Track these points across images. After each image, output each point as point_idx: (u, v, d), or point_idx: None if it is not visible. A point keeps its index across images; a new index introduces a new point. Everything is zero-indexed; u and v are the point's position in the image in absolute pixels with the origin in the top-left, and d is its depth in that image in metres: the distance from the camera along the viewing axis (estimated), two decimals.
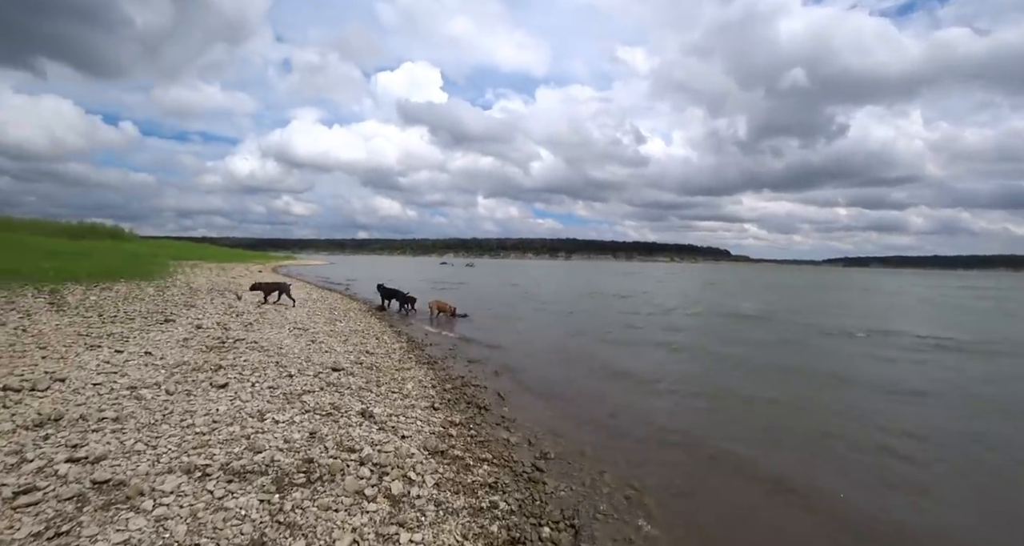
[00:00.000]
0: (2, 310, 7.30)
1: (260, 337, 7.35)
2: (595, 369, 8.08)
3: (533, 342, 10.52)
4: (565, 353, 9.44)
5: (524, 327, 12.70)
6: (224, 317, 8.80)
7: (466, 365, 7.81)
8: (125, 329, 6.89)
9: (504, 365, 8.01)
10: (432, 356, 8.17)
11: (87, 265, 12.87)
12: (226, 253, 51.80)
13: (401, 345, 8.68)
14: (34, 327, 6.51)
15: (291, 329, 8.43)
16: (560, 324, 13.55)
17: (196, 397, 4.46)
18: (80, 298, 8.92)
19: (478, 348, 9.44)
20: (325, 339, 7.95)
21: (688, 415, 5.92)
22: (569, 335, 11.59)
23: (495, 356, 8.71)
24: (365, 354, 7.31)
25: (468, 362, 8.06)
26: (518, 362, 8.34)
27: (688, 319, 15.63)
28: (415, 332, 10.79)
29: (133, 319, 7.66)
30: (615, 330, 12.50)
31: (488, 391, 6.35)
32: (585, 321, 14.26)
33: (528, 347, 9.90)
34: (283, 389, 4.98)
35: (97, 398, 4.22)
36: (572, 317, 15.21)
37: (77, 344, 5.90)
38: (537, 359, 8.71)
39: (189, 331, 7.24)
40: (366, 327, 10.09)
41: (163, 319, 7.84)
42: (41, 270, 10.66)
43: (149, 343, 6.27)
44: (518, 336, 11.19)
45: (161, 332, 7.00)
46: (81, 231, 34.75)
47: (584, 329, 12.59)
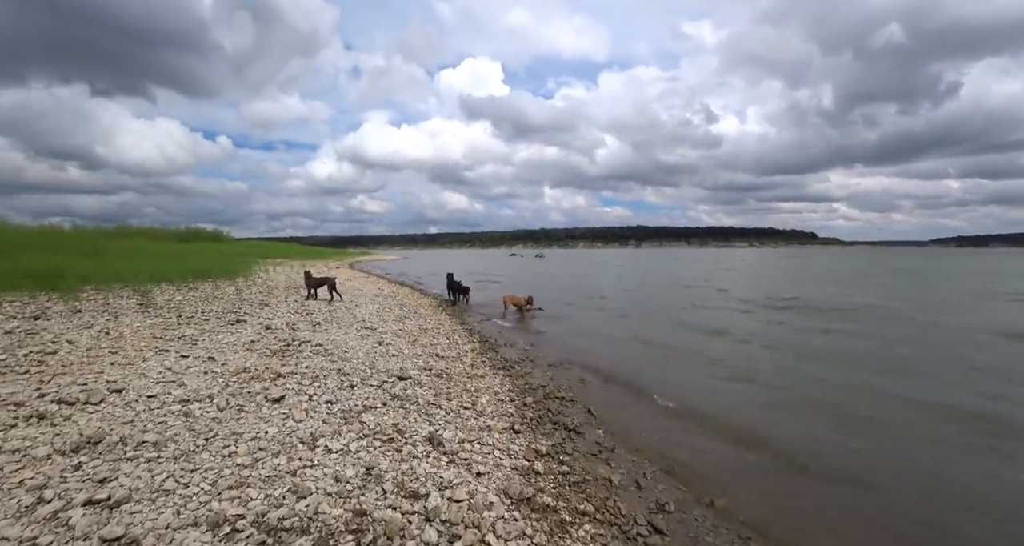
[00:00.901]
0: (95, 312, 7.49)
1: (326, 339, 6.92)
2: (700, 375, 6.81)
3: (617, 341, 9.36)
4: (655, 353, 8.21)
5: (604, 323, 11.54)
6: (294, 316, 8.58)
7: (546, 371, 6.89)
8: (197, 331, 6.74)
9: (590, 370, 6.99)
10: (507, 359, 7.33)
11: (180, 266, 13.57)
12: (309, 251, 55.26)
13: (473, 346, 7.94)
14: (116, 329, 6.50)
15: (358, 329, 7.98)
16: (643, 318, 12.21)
17: (247, 414, 3.92)
18: (167, 298, 9.14)
19: (557, 348, 8.48)
20: (393, 340, 7.39)
21: (856, 441, 4.54)
22: (655, 331, 10.27)
23: (578, 359, 7.71)
24: (435, 358, 6.62)
25: (548, 367, 7.13)
26: (605, 366, 7.28)
27: (789, 314, 13.54)
28: (488, 330, 10.05)
29: (208, 320, 7.57)
30: (707, 325, 10.96)
31: (576, 406, 5.37)
32: (670, 314, 12.77)
33: (613, 347, 8.78)
34: (342, 404, 4.34)
35: (146, 414, 3.79)
36: (653, 309, 13.76)
37: (148, 348, 5.73)
38: (626, 362, 7.58)
39: (257, 332, 6.97)
40: (436, 325, 9.51)
41: (235, 319, 7.69)
42: (139, 272, 11.23)
43: (216, 346, 6.00)
44: (599, 334, 10.08)
45: (230, 333, 6.77)
46: (187, 235, 38.46)
47: (671, 323, 11.19)
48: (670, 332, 10.23)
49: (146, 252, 19.28)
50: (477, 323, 10.78)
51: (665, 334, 10.05)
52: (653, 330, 10.52)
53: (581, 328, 10.76)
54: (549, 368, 7.05)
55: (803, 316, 12.57)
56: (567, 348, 8.56)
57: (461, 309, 13.64)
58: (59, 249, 15.11)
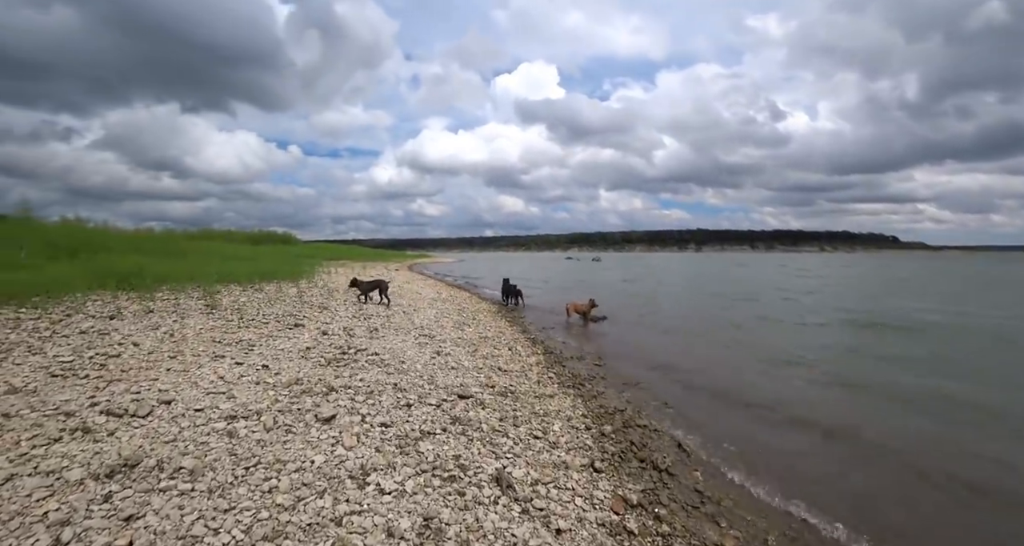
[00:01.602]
0: (165, 312, 7.59)
1: (383, 347, 6.53)
2: (800, 398, 5.75)
3: (694, 354, 8.36)
4: (741, 374, 7.16)
5: (676, 333, 10.51)
6: (352, 321, 8.34)
7: (621, 391, 6.09)
8: (256, 335, 6.58)
9: (671, 392, 6.12)
10: (576, 375, 6.61)
11: (248, 268, 14.00)
12: (370, 253, 57.15)
13: (538, 359, 7.28)
14: (180, 332, 6.47)
15: (416, 336, 7.58)
16: (713, 333, 11.00)
17: (294, 437, 3.49)
18: (232, 300, 9.23)
19: (629, 363, 7.64)
20: (452, 350, 6.90)
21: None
22: (733, 347, 9.13)
23: (654, 377, 6.84)
24: (497, 372, 6.03)
25: (623, 386, 6.33)
26: (687, 386, 6.38)
27: (880, 335, 11.73)
28: (552, 340, 9.36)
29: (267, 323, 7.45)
30: (793, 339, 9.63)
31: (663, 439, 4.56)
32: (742, 329, 11.45)
33: (690, 361, 7.80)
34: (397, 428, 3.83)
35: (189, 432, 3.46)
36: (723, 322, 12.44)
37: (206, 353, 5.57)
38: (710, 382, 6.61)
39: (314, 338, 6.72)
40: (496, 333, 8.95)
41: (293, 323, 7.52)
42: (210, 273, 11.59)
43: (271, 353, 5.75)
44: (673, 346, 9.10)
45: (287, 339, 6.55)
46: (260, 238, 40.94)
47: (749, 335, 9.95)
48: (744, 355, 9.03)
49: (221, 253, 20.36)
50: (539, 332, 10.12)
51: (738, 350, 8.90)
52: (725, 349, 9.37)
53: (650, 340, 9.81)
54: (624, 388, 6.25)
55: (900, 338, 10.81)
56: (640, 363, 7.69)
57: (518, 313, 13.32)
58: (149, 251, 16.17)
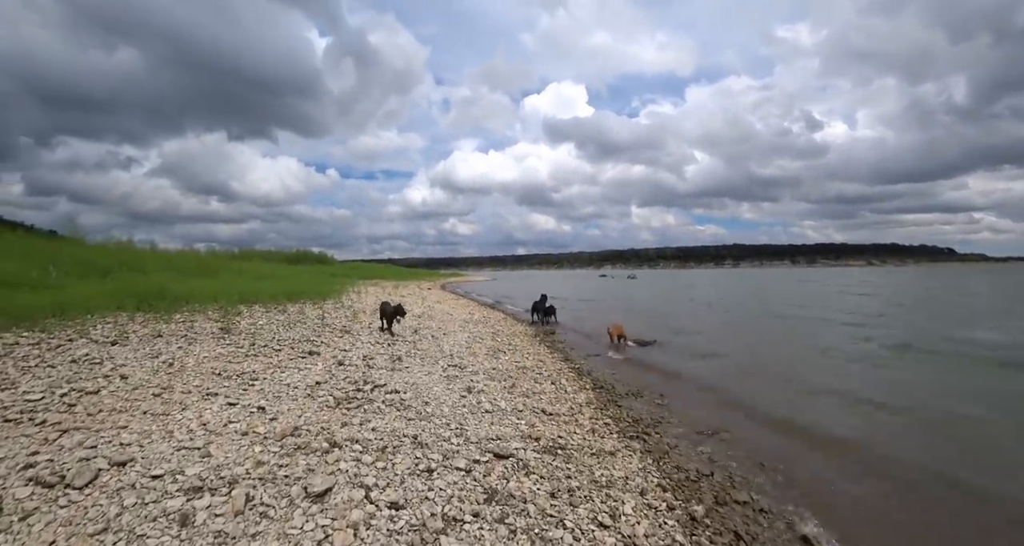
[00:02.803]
0: (175, 336, 6.90)
1: (405, 381, 5.55)
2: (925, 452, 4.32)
3: (769, 390, 6.96)
4: (839, 418, 5.73)
5: (738, 362, 9.06)
6: (374, 348, 7.43)
7: (697, 442, 4.83)
8: (262, 365, 5.73)
9: (760, 443, 4.82)
10: (637, 419, 5.38)
11: (275, 287, 13.49)
12: (403, 272, 57.31)
13: (587, 396, 6.10)
14: (182, 360, 5.70)
15: (444, 367, 6.56)
16: (787, 361, 9.46)
17: (269, 526, 2.49)
18: (250, 322, 8.53)
19: (696, 401, 6.35)
20: (486, 385, 5.83)
21: None
22: (815, 382, 7.62)
23: (730, 421, 5.54)
24: (541, 416, 4.90)
25: (697, 434, 5.07)
26: (775, 433, 5.06)
27: (973, 367, 9.80)
28: (599, 369, 8.14)
29: (280, 350, 6.63)
30: (877, 374, 8.02)
31: (776, 524, 3.30)
32: (814, 352, 9.83)
33: (768, 399, 6.43)
34: (412, 510, 2.78)
35: (131, 514, 2.52)
36: (795, 347, 10.82)
37: (199, 389, 4.73)
38: (805, 428, 5.26)
39: (327, 369, 5.81)
40: (536, 363, 7.82)
41: (308, 351, 6.67)
42: (233, 293, 11.05)
43: (274, 389, 4.86)
44: (741, 379, 7.71)
45: (297, 370, 5.67)
46: (297, 257, 41.64)
47: (825, 367, 8.40)
48: (833, 393, 7.51)
49: (255, 273, 20.20)
50: (584, 360, 8.90)
51: (828, 396, 7.40)
52: (804, 384, 7.88)
53: (712, 371, 8.42)
54: (700, 438, 4.98)
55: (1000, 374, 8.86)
56: (708, 401, 6.39)
57: (557, 336, 12.27)
58: (184, 270, 16.06)
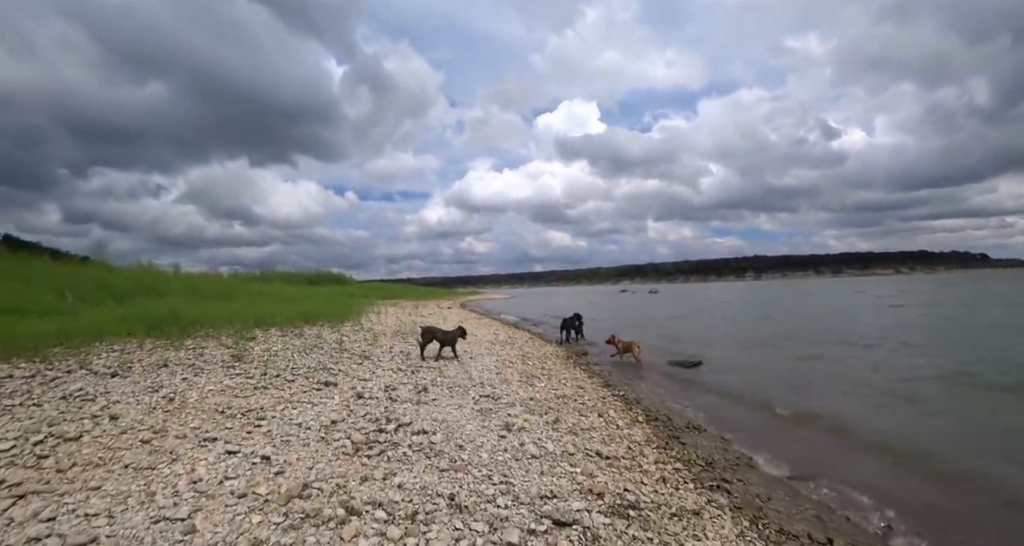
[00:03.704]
0: (181, 366, 6.31)
1: (434, 417, 4.79)
2: None
3: (849, 416, 5.98)
4: (957, 462, 4.74)
5: (796, 384, 8.05)
6: (396, 375, 6.71)
7: (792, 491, 3.93)
8: (272, 400, 5.05)
9: (859, 480, 3.89)
10: (710, 460, 4.49)
11: (293, 310, 12.99)
12: (422, 291, 56.97)
13: (644, 432, 5.22)
14: (184, 394, 5.08)
15: (476, 398, 5.79)
16: (853, 382, 8.39)
17: None
18: (264, 348, 7.91)
19: (768, 434, 5.42)
20: (526, 420, 5.03)
21: None
22: (903, 412, 6.60)
23: (814, 456, 4.61)
24: (598, 461, 4.08)
25: (788, 478, 4.17)
26: (890, 478, 4.12)
27: None
28: (646, 396, 7.25)
29: (293, 380, 5.96)
30: (969, 405, 6.94)
31: None
32: (878, 375, 8.73)
33: (858, 429, 5.46)
34: None
35: None
36: (853, 367, 9.70)
37: (196, 432, 4.06)
38: (925, 472, 4.31)
39: (344, 403, 5.10)
40: (576, 390, 6.98)
41: (324, 381, 5.98)
42: (248, 317, 10.53)
43: (282, 431, 4.16)
44: (807, 401, 6.73)
45: (311, 405, 4.97)
46: (316, 278, 41.65)
47: (899, 394, 7.34)
48: (926, 423, 6.50)
49: (275, 295, 19.87)
50: (625, 385, 7.99)
51: (927, 427, 6.37)
52: (887, 410, 6.86)
53: (769, 392, 7.46)
54: (793, 484, 4.08)
55: None
56: (783, 433, 5.47)
57: (590, 357, 11.53)
58: (203, 293, 15.75)
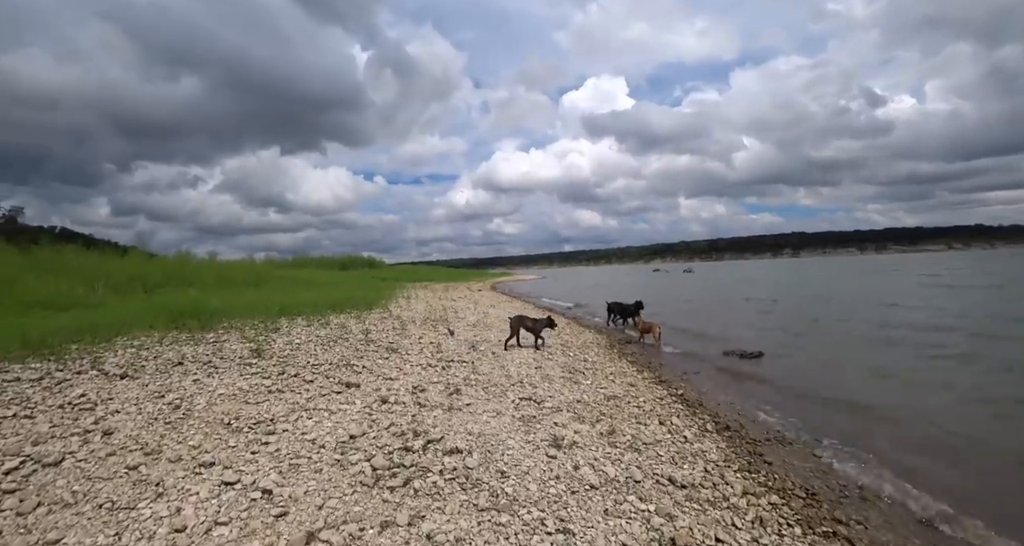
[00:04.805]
0: (196, 363, 5.83)
1: (468, 429, 4.08)
2: None
3: (948, 417, 4.94)
4: None
5: (880, 376, 6.97)
6: (425, 372, 6.05)
7: (928, 540, 3.03)
8: (286, 406, 4.45)
9: None
10: (812, 491, 3.60)
11: (322, 296, 12.60)
12: (452, 273, 56.96)
13: (718, 444, 4.36)
14: (194, 399, 4.55)
15: (516, 401, 5.05)
16: (936, 375, 7.21)
17: None
18: (287, 340, 7.41)
19: (867, 441, 4.47)
20: (576, 432, 4.25)
21: None
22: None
23: (967, 483, 3.67)
24: (674, 492, 3.27)
25: (915, 524, 3.25)
26: None
27: None
28: (708, 395, 6.35)
29: (313, 380, 5.38)
30: None
31: None
32: (957, 364, 7.47)
33: (963, 430, 4.45)
34: None
35: None
36: (934, 356, 8.42)
37: (195, 452, 3.49)
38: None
39: (366, 410, 4.46)
40: (626, 389, 6.14)
41: (345, 382, 5.36)
42: (273, 306, 10.13)
43: (292, 450, 3.54)
44: (906, 404, 5.69)
45: (328, 413, 4.35)
46: (348, 263, 41.95)
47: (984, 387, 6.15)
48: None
49: (306, 280, 19.71)
50: (682, 381, 7.09)
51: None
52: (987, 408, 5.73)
53: (853, 392, 6.43)
54: (920, 531, 3.17)
55: None
56: (895, 449, 4.49)
57: (626, 339, 11.11)
58: (235, 280, 15.62)
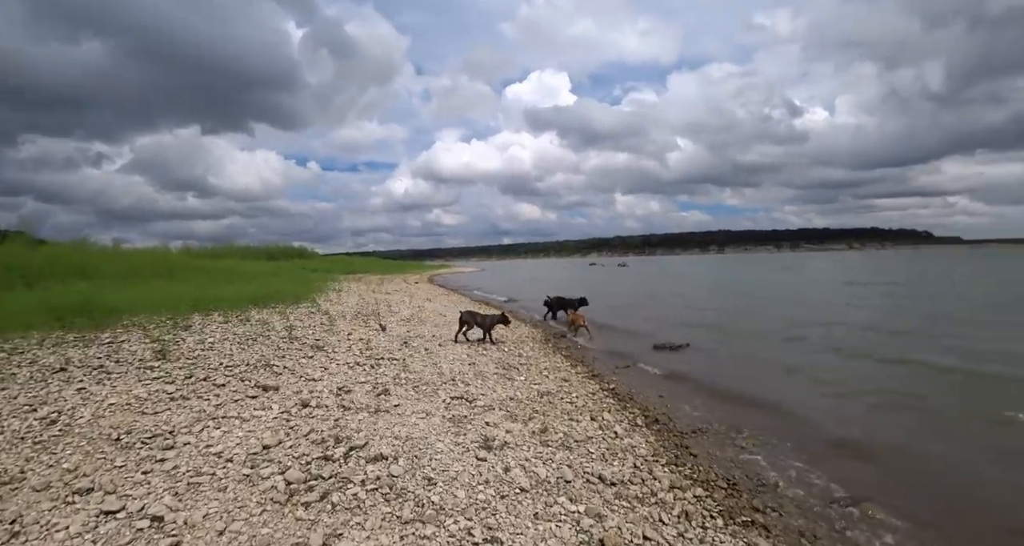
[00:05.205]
0: (86, 367, 5.15)
1: (395, 433, 3.89)
2: None
3: (863, 413, 5.50)
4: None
5: (790, 368, 7.61)
6: (352, 371, 5.74)
7: (840, 525, 3.28)
8: (191, 416, 4.01)
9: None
10: (734, 481, 3.78)
11: (243, 290, 11.65)
12: (389, 265, 55.19)
13: (647, 438, 4.48)
14: (76, 412, 3.98)
15: (447, 401, 4.91)
16: (845, 363, 8.02)
17: None
18: (198, 339, 6.74)
19: (787, 434, 4.81)
20: (508, 431, 4.20)
21: None
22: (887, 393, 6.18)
23: (848, 468, 4.02)
24: (603, 490, 3.30)
25: (828, 504, 3.51)
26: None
27: None
28: (638, 388, 6.56)
29: (225, 384, 4.91)
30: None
31: None
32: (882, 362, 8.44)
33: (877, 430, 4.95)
34: None
35: None
36: (841, 346, 9.39)
37: (70, 477, 3.04)
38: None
39: (283, 417, 4.13)
40: (560, 384, 6.20)
41: (263, 384, 4.95)
42: (185, 301, 9.20)
43: (193, 466, 3.17)
44: (813, 395, 6.23)
45: (240, 421, 3.97)
46: (277, 253, 39.26)
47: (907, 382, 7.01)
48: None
49: (227, 271, 18.12)
50: (614, 375, 7.29)
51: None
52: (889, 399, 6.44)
53: (769, 383, 6.95)
54: (836, 511, 3.43)
55: None
56: (806, 435, 4.86)
57: (560, 333, 11.38)
58: (144, 272, 14.03)
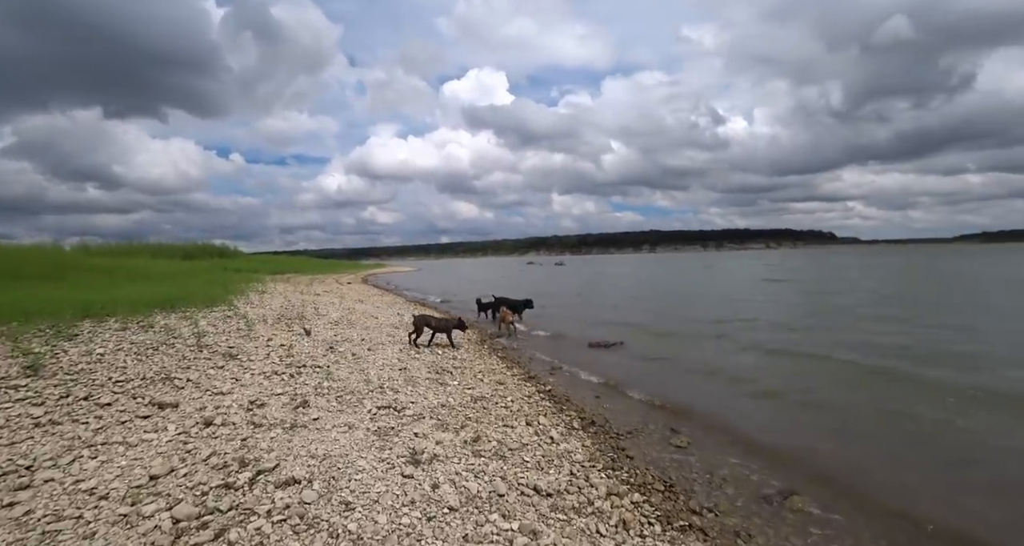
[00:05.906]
0: None
1: (311, 452, 3.54)
2: None
3: (785, 410, 5.86)
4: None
5: (713, 367, 8.00)
6: (268, 382, 5.24)
7: (773, 523, 3.37)
8: (62, 444, 3.43)
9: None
10: (670, 483, 3.79)
11: (144, 292, 10.44)
12: (321, 264, 52.48)
13: (584, 442, 4.42)
14: None
15: (373, 411, 4.60)
16: (773, 359, 8.61)
17: None
18: (84, 350, 5.87)
19: (710, 435, 4.97)
20: (438, 442, 3.98)
21: None
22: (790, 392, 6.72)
23: (772, 460, 4.21)
24: (539, 505, 3.17)
25: (758, 501, 3.61)
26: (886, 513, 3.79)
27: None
28: (574, 390, 6.55)
29: (113, 402, 4.28)
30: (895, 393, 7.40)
31: None
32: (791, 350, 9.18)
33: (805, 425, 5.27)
34: None
35: None
36: (771, 342, 10.11)
37: None
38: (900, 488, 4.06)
39: (182, 440, 3.64)
40: (495, 388, 6.05)
41: (158, 401, 4.36)
42: (75, 304, 8.05)
43: (56, 508, 2.67)
44: (740, 396, 6.57)
45: (125, 448, 3.45)
46: (194, 251, 35.85)
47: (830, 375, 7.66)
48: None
49: (131, 272, 16.27)
50: (550, 375, 7.27)
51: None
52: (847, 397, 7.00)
53: (693, 381, 7.25)
54: (766, 511, 3.54)
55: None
56: (736, 437, 5.05)
57: (497, 334, 11.05)
58: (22, 273, 12.20)
